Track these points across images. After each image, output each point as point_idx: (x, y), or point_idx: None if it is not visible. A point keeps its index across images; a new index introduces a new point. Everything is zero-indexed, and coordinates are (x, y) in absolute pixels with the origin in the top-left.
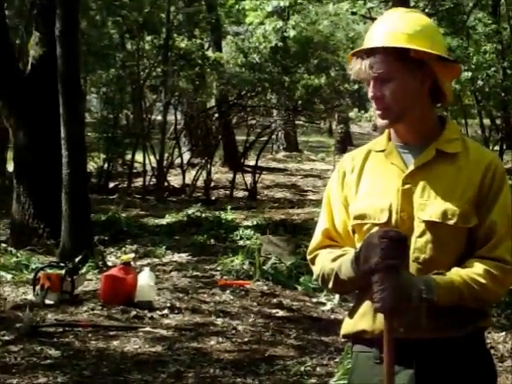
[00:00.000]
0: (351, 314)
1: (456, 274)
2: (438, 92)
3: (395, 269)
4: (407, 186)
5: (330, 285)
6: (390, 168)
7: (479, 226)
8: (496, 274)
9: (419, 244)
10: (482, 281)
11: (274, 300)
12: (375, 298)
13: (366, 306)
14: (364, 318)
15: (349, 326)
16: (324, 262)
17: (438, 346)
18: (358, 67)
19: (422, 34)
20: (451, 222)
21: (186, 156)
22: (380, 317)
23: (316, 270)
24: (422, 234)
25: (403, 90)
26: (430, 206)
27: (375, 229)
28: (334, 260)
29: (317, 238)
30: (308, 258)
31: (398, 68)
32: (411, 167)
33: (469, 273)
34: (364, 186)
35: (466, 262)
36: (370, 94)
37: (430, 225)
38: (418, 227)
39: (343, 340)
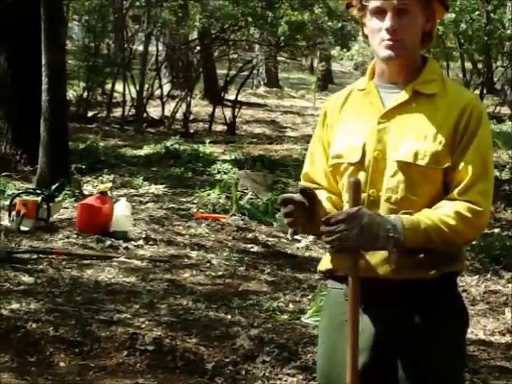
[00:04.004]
0: (327, 252)
1: (425, 215)
2: (429, 34)
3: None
4: (382, 126)
5: None
6: (367, 107)
7: (453, 168)
8: (467, 216)
9: (391, 184)
10: (452, 222)
11: (250, 235)
12: (341, 239)
13: None
14: (336, 256)
15: (324, 263)
16: None
17: (407, 287)
18: None
19: None
20: (422, 163)
21: (166, 88)
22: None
23: None
24: (394, 174)
25: (416, 24)
26: (403, 147)
27: (351, 168)
28: None
29: (300, 181)
30: None
31: (415, 2)
32: (388, 107)
33: (438, 214)
34: (343, 125)
35: (437, 203)
36: (388, 25)
37: (401, 165)
38: (391, 167)
39: (317, 277)
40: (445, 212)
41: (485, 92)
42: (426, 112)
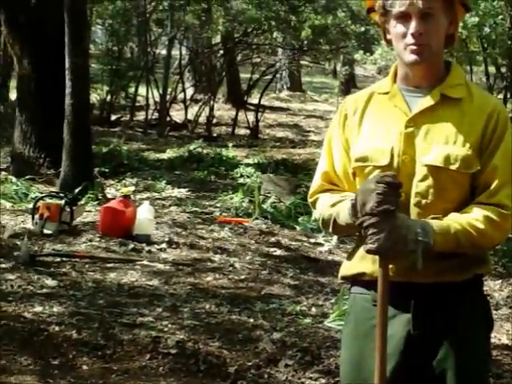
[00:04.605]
0: (350, 257)
1: (453, 219)
2: (451, 36)
3: (391, 213)
4: (410, 130)
5: (330, 229)
6: (393, 111)
7: (481, 172)
8: (495, 220)
9: (420, 188)
10: (481, 226)
11: (272, 239)
12: (370, 240)
13: None
14: (364, 261)
15: (348, 268)
16: (323, 207)
17: (437, 290)
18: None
19: None
20: (453, 167)
21: (190, 91)
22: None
23: (316, 214)
24: (423, 179)
25: (440, 27)
26: (433, 151)
27: (376, 171)
28: (332, 206)
29: (316, 181)
30: (309, 201)
31: (439, 6)
32: (415, 111)
33: (467, 218)
34: (366, 128)
35: (465, 208)
36: (414, 30)
37: (432, 169)
38: (420, 171)
39: (340, 281)
40: (474, 216)
41: (508, 96)
42: (454, 116)
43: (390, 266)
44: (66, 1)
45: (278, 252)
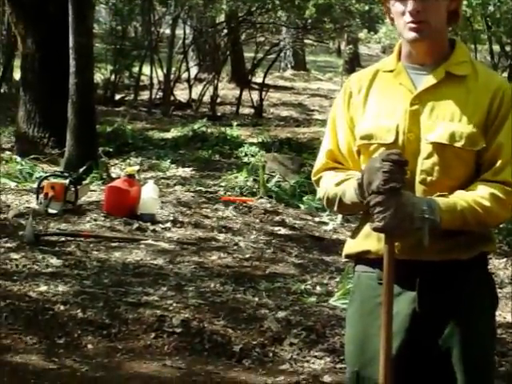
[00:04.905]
0: (354, 235)
1: (459, 196)
2: (455, 13)
3: (398, 191)
4: (415, 107)
5: (335, 208)
6: (398, 88)
7: (486, 150)
8: (500, 197)
9: (426, 166)
10: (487, 203)
11: (277, 218)
12: (377, 218)
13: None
14: (368, 239)
15: (352, 246)
16: (328, 185)
17: (443, 268)
18: None
19: None
20: (459, 145)
21: (194, 71)
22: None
23: (320, 192)
24: (428, 156)
25: (440, 4)
26: (438, 128)
27: (382, 149)
28: (337, 184)
29: (321, 159)
30: (313, 179)
31: None
32: (420, 88)
33: (473, 195)
34: (371, 106)
35: (470, 185)
36: (411, 8)
37: (437, 146)
38: (425, 149)
39: (344, 260)
40: (480, 194)
41: None
42: (459, 94)
43: (396, 244)
44: None
45: (283, 231)
